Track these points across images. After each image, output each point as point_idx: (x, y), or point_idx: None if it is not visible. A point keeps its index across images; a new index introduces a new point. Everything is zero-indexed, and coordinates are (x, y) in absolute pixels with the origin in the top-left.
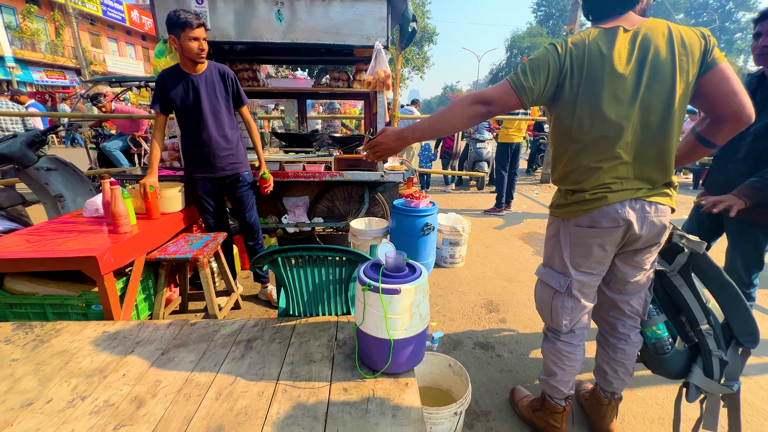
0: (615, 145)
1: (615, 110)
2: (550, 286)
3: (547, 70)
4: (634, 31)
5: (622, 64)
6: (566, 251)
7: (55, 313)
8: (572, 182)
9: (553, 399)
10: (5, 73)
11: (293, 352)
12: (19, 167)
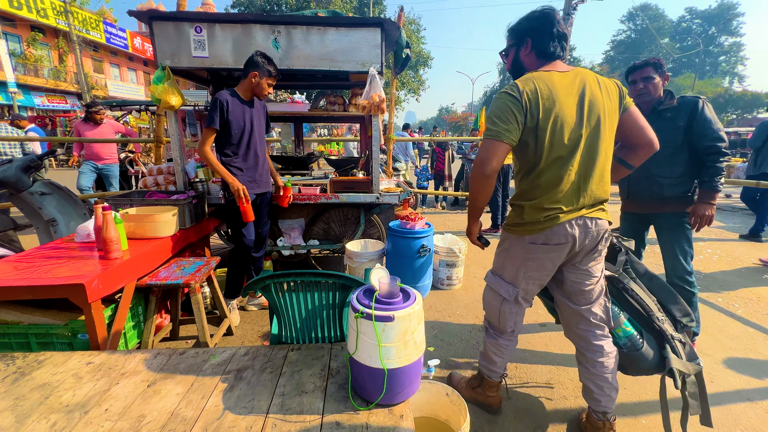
0: (567, 166)
1: (568, 136)
2: (499, 294)
3: (512, 112)
4: (571, 73)
5: (569, 99)
6: (520, 265)
7: (39, 342)
8: (529, 198)
9: (491, 377)
10: (7, 98)
11: (284, 382)
12: (13, 192)
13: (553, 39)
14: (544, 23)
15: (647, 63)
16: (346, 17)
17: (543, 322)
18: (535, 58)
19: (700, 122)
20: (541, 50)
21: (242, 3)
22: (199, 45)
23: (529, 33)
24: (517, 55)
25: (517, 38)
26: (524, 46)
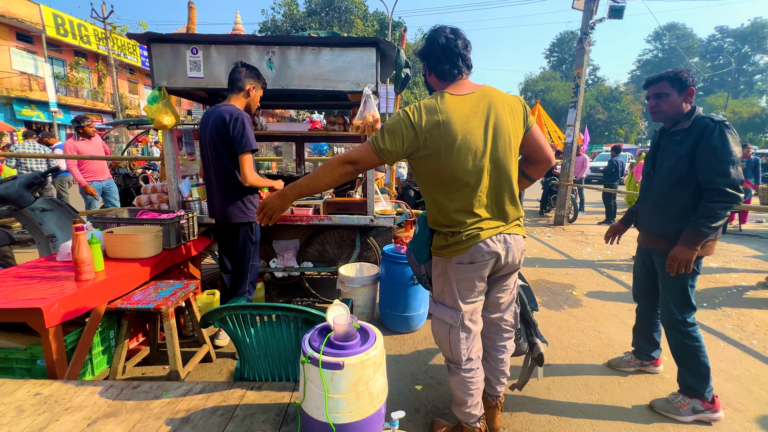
0: (477, 190)
1: (472, 161)
2: (445, 321)
3: (401, 135)
4: (475, 95)
5: (471, 123)
6: (454, 287)
7: (0, 367)
8: (448, 225)
9: (469, 424)
10: (48, 117)
11: (233, 428)
12: (15, 208)
13: (449, 59)
14: (434, 45)
15: (662, 77)
16: (340, 37)
17: (548, 363)
18: (437, 80)
19: (705, 150)
20: (439, 72)
21: (268, 28)
22: (194, 66)
23: (425, 56)
24: (426, 79)
25: (422, 62)
26: (428, 69)
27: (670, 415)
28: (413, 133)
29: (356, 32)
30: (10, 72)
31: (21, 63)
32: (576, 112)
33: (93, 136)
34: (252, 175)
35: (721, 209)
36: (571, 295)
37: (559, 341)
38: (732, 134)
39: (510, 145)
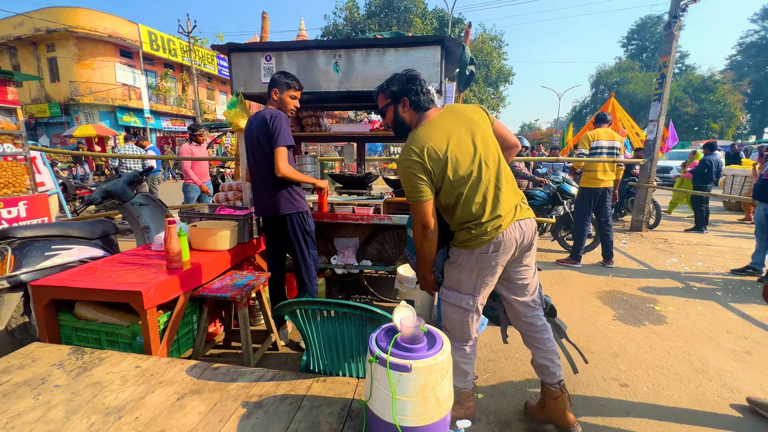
0: (485, 183)
1: (466, 166)
2: (460, 307)
3: (419, 177)
4: (444, 112)
5: (456, 135)
6: (475, 276)
7: (108, 340)
8: (471, 219)
9: (468, 388)
10: (143, 122)
11: (301, 417)
12: (119, 202)
13: (425, 94)
14: (417, 82)
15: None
16: (405, 37)
17: (625, 383)
18: (413, 112)
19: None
20: (418, 105)
21: (330, 32)
22: (267, 72)
23: (405, 93)
24: (396, 112)
25: (394, 98)
26: (400, 104)
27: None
28: (425, 167)
29: (415, 31)
30: (114, 84)
31: (123, 76)
32: (660, 106)
33: (202, 143)
34: (285, 167)
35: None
36: (653, 310)
37: (639, 360)
38: None
39: (489, 141)
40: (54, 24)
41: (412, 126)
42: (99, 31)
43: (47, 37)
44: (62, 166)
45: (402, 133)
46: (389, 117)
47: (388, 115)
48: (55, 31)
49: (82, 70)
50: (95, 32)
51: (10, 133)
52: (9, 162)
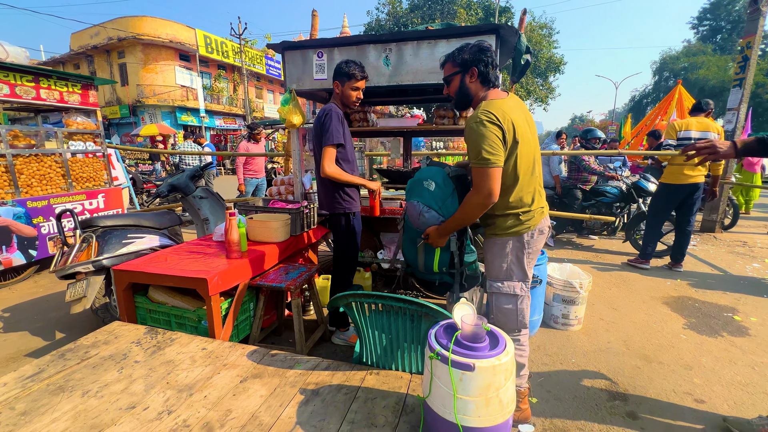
0: (536, 175)
1: (531, 150)
2: (515, 294)
3: (499, 140)
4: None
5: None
6: (524, 260)
7: (177, 323)
8: (521, 206)
9: (521, 386)
10: (199, 121)
11: (356, 408)
12: (183, 195)
13: (494, 68)
14: (488, 54)
15: None
16: (458, 27)
17: (701, 398)
18: (480, 84)
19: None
20: (486, 78)
21: (373, 28)
22: (319, 68)
23: (475, 63)
24: (463, 82)
25: (464, 66)
26: (468, 73)
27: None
28: (503, 136)
29: (459, 23)
30: (174, 86)
31: (182, 78)
32: (742, 93)
33: (260, 141)
34: (329, 168)
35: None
36: (732, 320)
37: (717, 375)
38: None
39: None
40: (124, 33)
41: (475, 99)
42: (161, 37)
43: (118, 45)
44: (129, 163)
45: (463, 105)
46: (454, 86)
47: (453, 84)
48: (125, 39)
49: (147, 74)
50: (158, 39)
51: (91, 133)
52: (90, 158)
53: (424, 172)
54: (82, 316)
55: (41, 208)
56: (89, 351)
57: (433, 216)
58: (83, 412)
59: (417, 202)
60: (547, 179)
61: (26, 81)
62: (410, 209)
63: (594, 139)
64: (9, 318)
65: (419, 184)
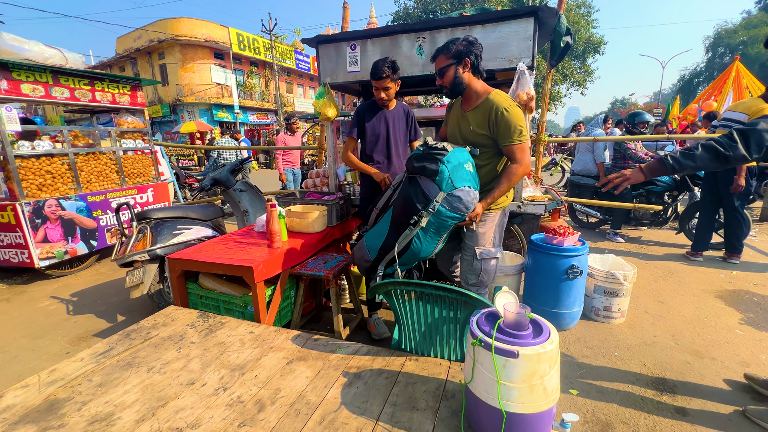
0: None
1: None
2: (497, 257)
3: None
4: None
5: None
6: (502, 229)
7: (225, 308)
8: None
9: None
10: (233, 117)
11: (398, 392)
12: (224, 188)
13: (480, 59)
14: (476, 46)
15: None
16: (494, 11)
17: None
18: (471, 74)
19: None
20: (476, 68)
21: (400, 17)
22: (353, 61)
23: (468, 54)
24: (457, 72)
25: (457, 57)
26: (462, 64)
27: (763, 423)
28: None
29: (492, 7)
30: (210, 84)
31: (217, 76)
32: None
33: (296, 132)
34: (344, 156)
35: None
36: None
37: None
38: None
39: None
40: (163, 35)
41: (470, 88)
42: (197, 37)
43: (158, 46)
44: (172, 159)
45: (457, 94)
46: (449, 76)
47: (448, 74)
48: (164, 41)
49: (185, 73)
50: (195, 38)
51: (140, 131)
52: (139, 155)
53: (456, 155)
54: (138, 301)
55: (99, 202)
56: (150, 332)
57: (476, 193)
58: (150, 386)
59: (469, 187)
60: (589, 167)
61: (83, 84)
62: (466, 196)
63: (642, 124)
64: (77, 302)
65: (461, 168)
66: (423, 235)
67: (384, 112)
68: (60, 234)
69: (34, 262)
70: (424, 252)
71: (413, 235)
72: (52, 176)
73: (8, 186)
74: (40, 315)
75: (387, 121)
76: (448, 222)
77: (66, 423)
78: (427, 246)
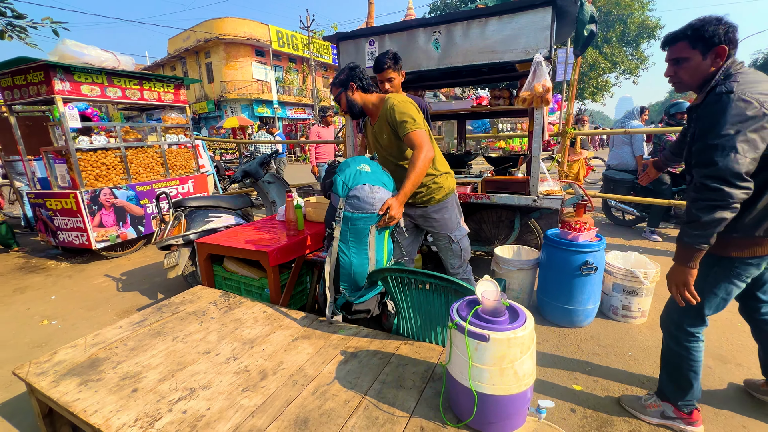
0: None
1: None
2: (467, 231)
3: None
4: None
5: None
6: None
7: (244, 289)
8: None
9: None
10: (272, 112)
11: (389, 371)
12: (254, 180)
13: (367, 79)
14: (359, 70)
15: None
16: (510, 2)
17: None
18: (362, 93)
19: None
20: (365, 87)
21: (438, 7)
22: (371, 56)
23: (351, 80)
24: (348, 96)
25: (344, 86)
26: (350, 89)
27: (633, 411)
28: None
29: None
30: (251, 80)
31: (257, 73)
32: None
33: (330, 124)
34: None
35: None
36: None
37: None
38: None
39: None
40: (209, 34)
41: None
42: (240, 35)
43: (205, 46)
44: (215, 152)
45: (358, 114)
46: (343, 103)
47: (342, 101)
48: (210, 40)
49: (229, 71)
50: (237, 37)
51: (182, 126)
52: (182, 149)
53: (348, 163)
54: (175, 281)
55: (146, 192)
56: (178, 307)
57: (384, 191)
58: (173, 352)
59: (366, 185)
60: (626, 161)
61: (133, 84)
62: (361, 193)
63: (680, 114)
64: (125, 281)
65: (355, 172)
66: (345, 247)
67: None
68: (113, 220)
69: (91, 244)
70: (357, 266)
71: (336, 250)
72: (107, 168)
73: (71, 176)
74: (95, 290)
75: None
76: (359, 225)
77: (103, 378)
78: (357, 259)
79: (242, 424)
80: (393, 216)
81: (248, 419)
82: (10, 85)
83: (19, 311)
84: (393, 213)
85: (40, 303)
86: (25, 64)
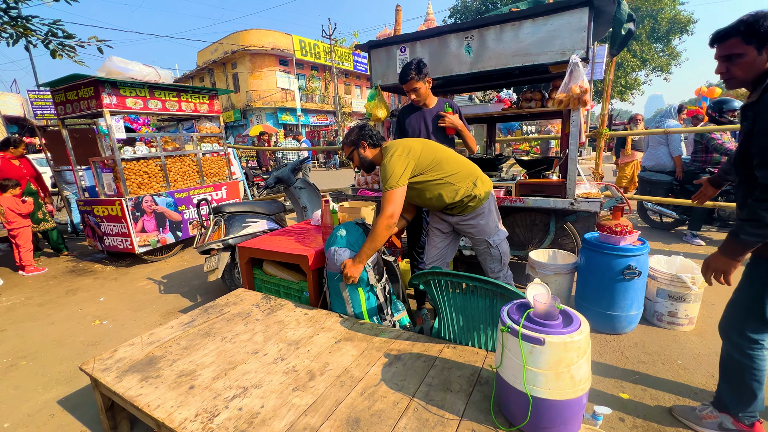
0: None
1: (430, 157)
2: (506, 234)
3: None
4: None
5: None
6: (498, 210)
7: (284, 292)
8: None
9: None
10: (296, 120)
11: (434, 374)
12: (286, 186)
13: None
14: (367, 128)
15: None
16: (544, 4)
17: None
18: (372, 149)
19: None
20: (374, 143)
21: (458, 11)
22: (402, 63)
23: (362, 138)
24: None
25: (355, 145)
26: (361, 147)
27: (688, 422)
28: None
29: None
30: (275, 89)
31: (281, 81)
32: None
33: None
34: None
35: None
36: None
37: None
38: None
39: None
40: (235, 46)
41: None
42: (264, 46)
43: (231, 57)
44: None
45: (370, 168)
46: (356, 160)
47: (355, 159)
48: (236, 52)
49: (254, 80)
50: (262, 48)
51: (215, 135)
52: (216, 157)
53: (335, 229)
54: (214, 284)
55: (184, 198)
56: (223, 309)
57: (347, 253)
58: (223, 352)
59: (333, 247)
60: (664, 161)
61: (172, 96)
62: (327, 256)
63: (731, 112)
64: (166, 284)
65: (333, 235)
66: (331, 298)
67: (423, 111)
68: (154, 225)
69: (134, 249)
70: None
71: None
72: (148, 176)
73: (116, 184)
74: (139, 292)
75: (425, 119)
76: (333, 281)
77: (161, 374)
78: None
79: (296, 422)
80: (347, 275)
81: (301, 418)
82: (63, 101)
83: (73, 311)
84: (347, 272)
85: (90, 304)
86: (77, 80)
